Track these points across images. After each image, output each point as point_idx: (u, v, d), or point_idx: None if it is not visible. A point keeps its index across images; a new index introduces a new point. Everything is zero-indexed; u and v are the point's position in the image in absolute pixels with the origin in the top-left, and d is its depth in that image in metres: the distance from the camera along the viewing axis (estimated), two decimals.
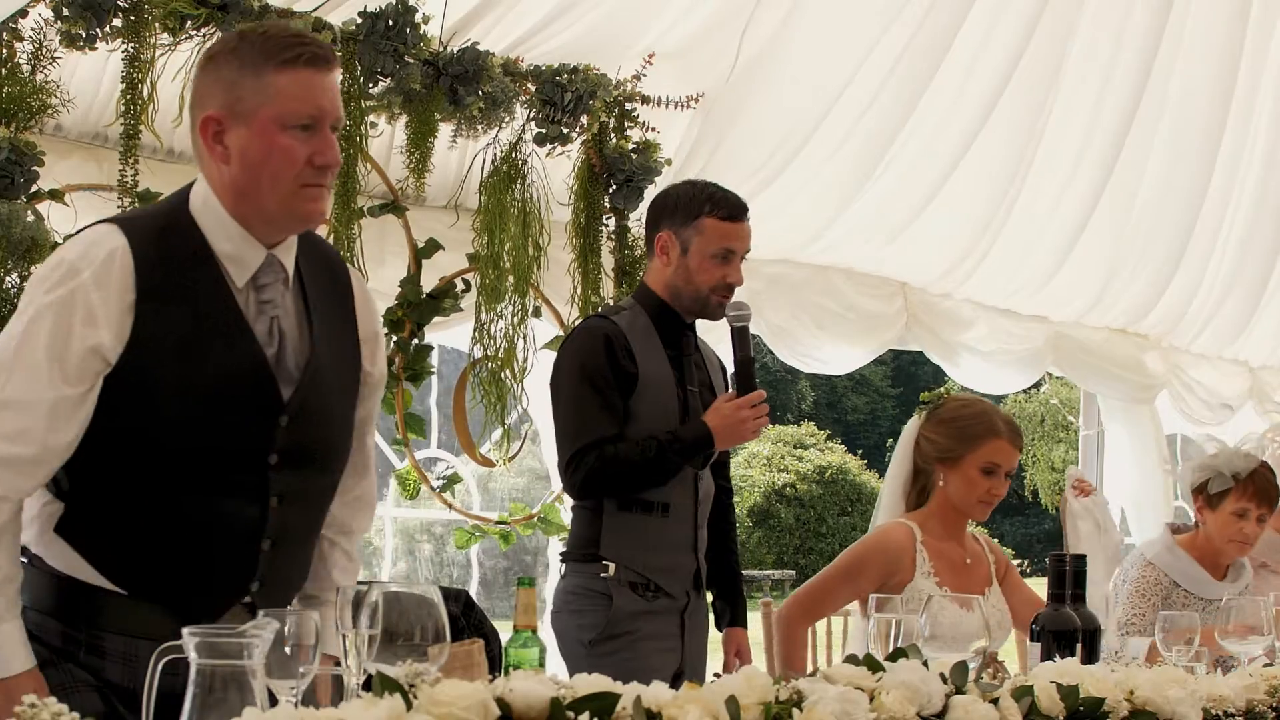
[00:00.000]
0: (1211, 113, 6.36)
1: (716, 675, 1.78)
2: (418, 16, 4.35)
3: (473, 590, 5.40)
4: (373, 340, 2.42)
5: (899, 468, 3.75)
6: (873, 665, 1.89)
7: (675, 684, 1.71)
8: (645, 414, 3.37)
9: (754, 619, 5.33)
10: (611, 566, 3.36)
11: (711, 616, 3.70)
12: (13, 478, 2.13)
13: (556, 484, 5.28)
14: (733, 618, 3.65)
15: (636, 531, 3.38)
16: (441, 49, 4.48)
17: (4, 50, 3.79)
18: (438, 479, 4.92)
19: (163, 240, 2.21)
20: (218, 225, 2.21)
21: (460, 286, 4.73)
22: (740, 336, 3.46)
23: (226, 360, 2.19)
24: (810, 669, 1.89)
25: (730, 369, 3.57)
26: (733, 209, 3.46)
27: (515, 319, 4.72)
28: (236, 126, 2.18)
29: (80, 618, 2.20)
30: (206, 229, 2.22)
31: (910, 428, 3.74)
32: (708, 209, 3.42)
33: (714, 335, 3.88)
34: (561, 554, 3.56)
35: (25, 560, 2.23)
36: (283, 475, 2.24)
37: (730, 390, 3.52)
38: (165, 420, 2.15)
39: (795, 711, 1.70)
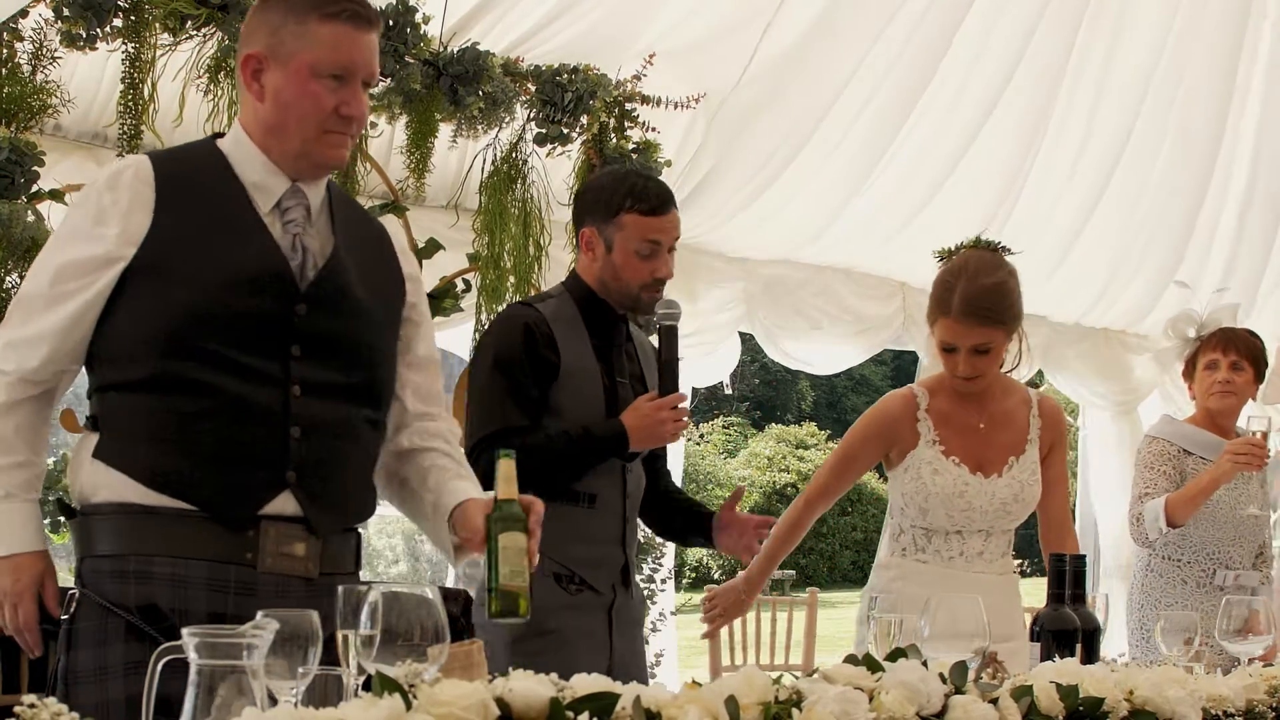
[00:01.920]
0: (1210, 114, 6.37)
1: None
2: (418, 16, 4.35)
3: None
4: (415, 279, 2.57)
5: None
6: (872, 665, 1.89)
7: None
8: (568, 405, 3.21)
9: (684, 621, 5.33)
10: None
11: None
12: (17, 356, 2.30)
13: None
14: (706, 514, 3.44)
15: (561, 522, 3.10)
16: (442, 49, 4.48)
17: (4, 50, 3.79)
18: None
19: (186, 162, 2.38)
20: (245, 158, 2.36)
21: (460, 286, 4.73)
22: (667, 336, 3.26)
23: (243, 252, 2.30)
24: (812, 670, 1.89)
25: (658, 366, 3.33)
26: (655, 202, 3.25)
27: None
28: (274, 68, 2.32)
29: (127, 545, 2.25)
30: (234, 160, 2.36)
31: None
32: (629, 204, 3.23)
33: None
34: None
35: (77, 517, 2.32)
36: (304, 365, 2.31)
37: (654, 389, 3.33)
38: (180, 306, 2.24)
39: (795, 711, 1.70)
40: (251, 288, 2.28)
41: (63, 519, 2.80)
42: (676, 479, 5.82)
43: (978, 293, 3.29)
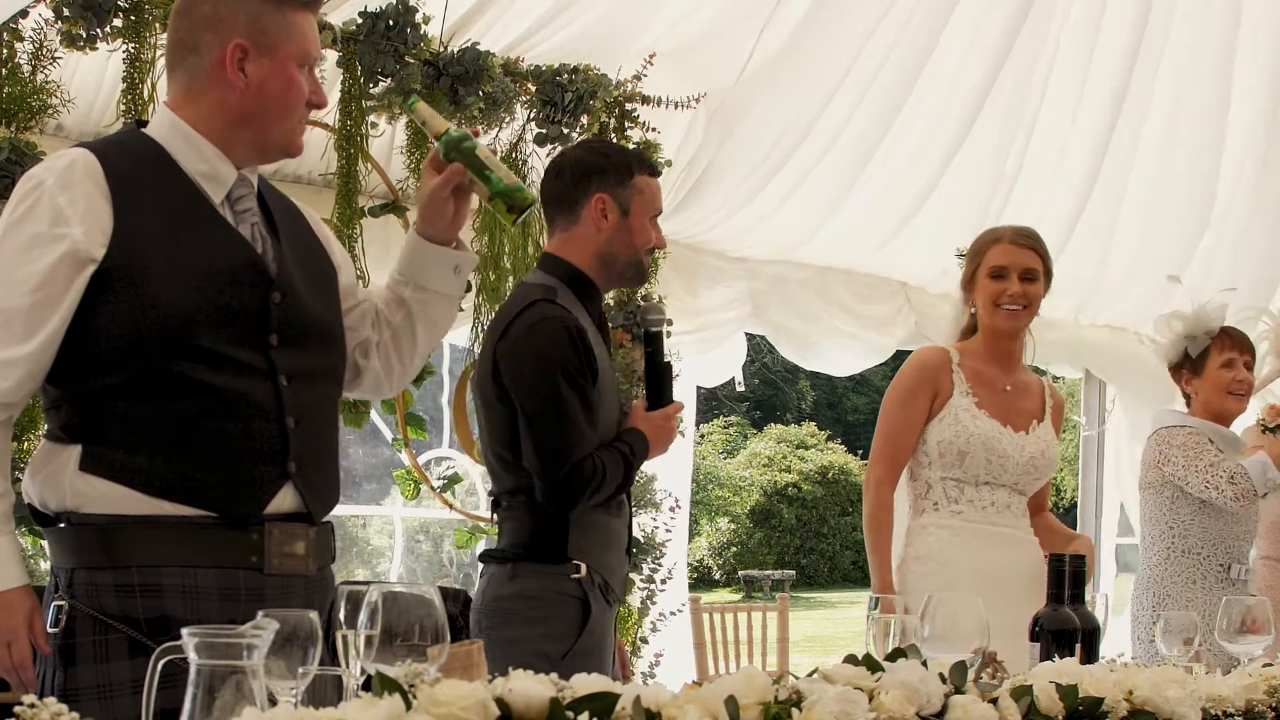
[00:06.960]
0: (1210, 104, 6.36)
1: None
2: (418, 16, 4.35)
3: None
4: (329, 238, 2.56)
5: (954, 318, 3.79)
6: (872, 665, 1.89)
7: None
8: (604, 411, 3.04)
9: (684, 621, 5.31)
10: (583, 567, 2.99)
11: None
12: None
13: None
14: None
15: (601, 530, 3.05)
16: (442, 49, 4.48)
17: (4, 50, 3.79)
18: (439, 479, 4.92)
19: (125, 153, 2.29)
20: (189, 147, 2.29)
21: None
22: (656, 340, 3.18)
23: (213, 245, 2.27)
24: (812, 670, 1.89)
25: (641, 372, 3.27)
26: (655, 166, 3.19)
27: None
28: (259, 57, 2.28)
29: (132, 557, 2.20)
30: (173, 149, 2.29)
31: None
32: (637, 167, 3.11)
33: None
34: (495, 554, 3.10)
35: (62, 525, 2.25)
36: (285, 354, 2.30)
37: (642, 396, 3.23)
38: (164, 305, 2.19)
39: (794, 711, 1.70)
40: (231, 280, 2.25)
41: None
42: (685, 481, 5.87)
43: (1024, 228, 3.66)
